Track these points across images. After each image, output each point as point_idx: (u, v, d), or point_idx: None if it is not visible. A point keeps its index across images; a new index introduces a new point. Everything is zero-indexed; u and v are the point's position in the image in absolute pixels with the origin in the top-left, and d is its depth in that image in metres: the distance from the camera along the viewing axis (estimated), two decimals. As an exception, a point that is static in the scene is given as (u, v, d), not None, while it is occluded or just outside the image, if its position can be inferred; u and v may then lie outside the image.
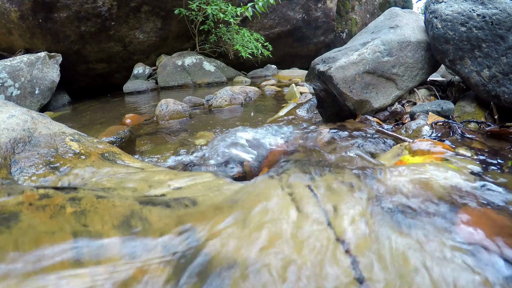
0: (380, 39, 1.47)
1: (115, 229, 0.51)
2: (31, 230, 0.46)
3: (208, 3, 4.76)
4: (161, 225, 0.54)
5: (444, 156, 0.84)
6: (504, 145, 0.96)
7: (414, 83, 1.51)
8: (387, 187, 0.64)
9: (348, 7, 8.26)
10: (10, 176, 0.78)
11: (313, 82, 1.60)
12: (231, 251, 0.49)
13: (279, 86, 3.92)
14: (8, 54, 4.44)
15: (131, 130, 1.61)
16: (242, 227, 0.54)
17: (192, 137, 1.86)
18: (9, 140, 0.84)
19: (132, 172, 0.84)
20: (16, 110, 0.98)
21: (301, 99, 2.66)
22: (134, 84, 4.72)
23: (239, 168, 1.17)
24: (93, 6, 4.28)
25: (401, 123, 1.36)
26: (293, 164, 0.75)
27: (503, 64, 1.16)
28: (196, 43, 5.35)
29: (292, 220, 0.55)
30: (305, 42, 7.06)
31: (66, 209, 0.51)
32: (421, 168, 0.72)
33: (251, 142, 1.27)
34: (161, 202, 0.62)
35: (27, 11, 4.08)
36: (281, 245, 0.50)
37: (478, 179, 0.70)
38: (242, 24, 5.77)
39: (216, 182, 0.78)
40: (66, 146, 0.92)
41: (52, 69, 3.91)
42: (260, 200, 0.61)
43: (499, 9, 1.17)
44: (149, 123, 2.41)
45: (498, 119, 1.21)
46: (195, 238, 0.52)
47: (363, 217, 0.56)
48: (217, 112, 2.66)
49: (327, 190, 0.63)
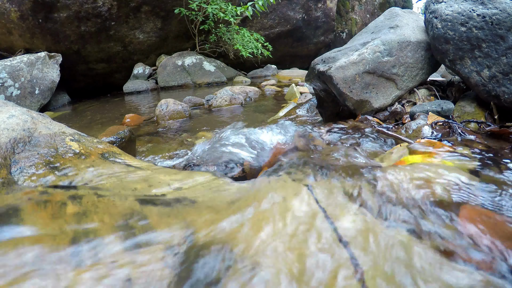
0: (380, 39, 1.47)
1: (115, 228, 0.51)
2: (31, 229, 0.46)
3: (208, 3, 4.76)
4: (162, 225, 0.54)
5: (444, 156, 0.84)
6: (504, 145, 0.96)
7: (414, 83, 1.51)
8: (386, 187, 0.64)
9: (348, 7, 8.26)
10: (10, 176, 0.78)
11: (313, 82, 1.60)
12: (230, 249, 0.49)
13: (279, 86, 3.92)
14: (8, 54, 4.44)
15: (131, 130, 1.61)
16: (241, 227, 0.54)
17: (192, 137, 1.86)
18: (9, 140, 0.84)
19: (132, 172, 0.84)
20: (16, 110, 0.98)
21: (301, 99, 2.66)
22: (134, 84, 4.72)
23: (239, 168, 1.17)
24: (93, 6, 4.28)
25: (401, 123, 1.36)
26: (292, 164, 0.75)
27: (503, 64, 1.16)
28: (196, 43, 5.35)
29: (291, 220, 0.55)
30: (305, 42, 7.06)
31: (67, 207, 0.51)
32: (421, 167, 0.72)
33: (251, 142, 1.27)
34: (162, 202, 0.62)
35: (27, 11, 4.08)
36: (277, 244, 0.50)
37: (478, 179, 0.70)
38: (242, 24, 5.77)
39: (216, 182, 0.78)
40: (66, 146, 0.92)
41: (52, 69, 3.91)
42: (260, 200, 0.61)
43: (499, 9, 1.17)
44: (149, 123, 2.41)
45: (498, 119, 1.21)
46: (196, 238, 0.52)
47: (361, 217, 0.56)
48: (217, 112, 2.66)
49: (326, 190, 0.63)
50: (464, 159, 0.82)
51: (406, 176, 0.68)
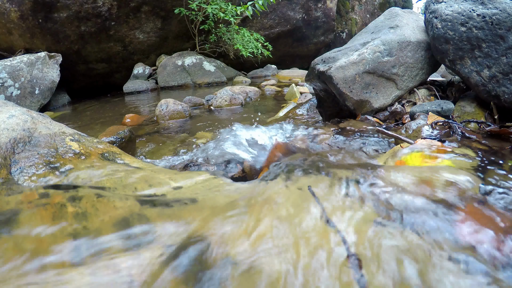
0: (380, 39, 1.47)
1: (115, 228, 0.51)
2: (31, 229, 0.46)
3: (208, 3, 4.76)
4: (161, 225, 0.54)
5: (444, 156, 0.84)
6: (504, 145, 0.96)
7: (414, 83, 1.51)
8: (386, 187, 0.64)
9: (348, 7, 8.26)
10: (10, 176, 0.78)
11: (313, 82, 1.60)
12: (230, 249, 0.49)
13: (279, 86, 3.92)
14: (8, 54, 4.44)
15: (131, 130, 1.61)
16: (241, 226, 0.54)
17: (192, 137, 1.86)
18: (9, 140, 0.84)
19: (132, 172, 0.84)
20: (16, 110, 0.98)
21: (301, 99, 2.66)
22: (134, 84, 4.72)
23: (239, 168, 1.17)
24: (93, 6, 4.28)
25: (401, 123, 1.36)
26: (292, 164, 0.75)
27: (503, 64, 1.16)
28: (196, 43, 5.35)
29: (290, 219, 0.55)
30: (305, 42, 7.06)
31: (67, 208, 0.51)
32: (421, 167, 0.72)
33: (251, 142, 1.27)
34: (161, 202, 0.62)
35: (27, 11, 4.08)
36: (278, 243, 0.50)
37: (478, 179, 0.70)
38: (242, 24, 5.77)
39: (216, 182, 0.78)
40: (66, 146, 0.92)
41: (52, 69, 3.91)
42: (259, 200, 0.61)
43: (499, 9, 1.17)
44: (149, 123, 2.41)
45: (498, 119, 1.21)
46: (195, 237, 0.52)
47: (361, 216, 0.56)
48: (217, 112, 2.66)
49: (326, 190, 0.63)
50: (464, 159, 0.82)
51: (405, 176, 0.68)
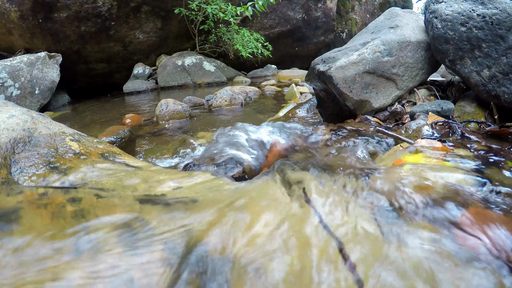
0: (380, 39, 1.47)
1: (115, 228, 0.51)
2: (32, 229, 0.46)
3: (208, 3, 4.76)
4: (161, 225, 0.54)
5: (443, 156, 0.84)
6: (504, 145, 0.96)
7: (414, 83, 1.51)
8: (385, 187, 0.64)
9: (348, 7, 8.26)
10: (10, 176, 0.78)
11: (313, 82, 1.60)
12: (230, 249, 0.49)
13: (279, 86, 3.92)
14: (8, 54, 4.44)
15: (131, 130, 1.61)
16: (240, 226, 0.54)
17: (192, 137, 1.86)
18: (9, 140, 0.84)
19: (132, 172, 0.84)
20: (16, 110, 0.98)
21: (301, 99, 2.66)
22: (134, 84, 4.72)
23: (239, 168, 1.17)
24: (93, 6, 4.28)
25: (401, 123, 1.36)
26: (291, 164, 0.75)
27: (503, 64, 1.16)
28: (196, 43, 5.35)
29: (288, 219, 0.55)
30: (305, 42, 7.05)
31: (67, 208, 0.51)
32: (420, 167, 0.72)
33: (251, 142, 1.27)
34: (161, 202, 0.62)
35: (27, 11, 4.08)
36: (274, 244, 0.50)
37: (477, 179, 0.70)
38: (242, 24, 5.77)
39: (216, 182, 0.78)
40: (66, 146, 0.92)
41: (52, 69, 3.91)
42: (258, 200, 0.61)
43: (499, 9, 1.17)
44: (149, 123, 2.41)
45: (498, 119, 1.21)
46: (195, 237, 0.52)
47: (358, 216, 0.56)
48: (217, 112, 2.66)
49: (324, 191, 0.63)
50: (463, 159, 0.82)
51: (405, 176, 0.68)
